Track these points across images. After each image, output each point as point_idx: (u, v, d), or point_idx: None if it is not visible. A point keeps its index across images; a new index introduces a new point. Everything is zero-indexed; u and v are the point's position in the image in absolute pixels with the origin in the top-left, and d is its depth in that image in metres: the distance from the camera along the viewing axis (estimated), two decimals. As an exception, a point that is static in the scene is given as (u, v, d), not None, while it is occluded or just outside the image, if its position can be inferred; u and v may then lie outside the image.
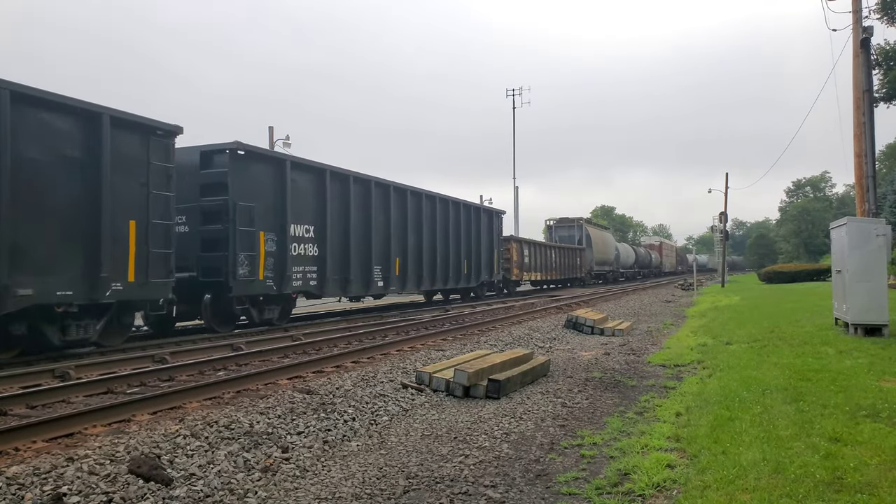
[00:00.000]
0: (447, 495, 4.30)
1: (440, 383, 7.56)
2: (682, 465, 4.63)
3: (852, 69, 16.19)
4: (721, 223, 42.65)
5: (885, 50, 28.99)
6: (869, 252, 10.60)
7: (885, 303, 10.49)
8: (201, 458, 4.75)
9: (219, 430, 5.35)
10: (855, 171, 16.45)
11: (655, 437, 5.38)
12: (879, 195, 23.75)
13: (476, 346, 11.15)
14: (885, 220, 11.88)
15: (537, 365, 8.66)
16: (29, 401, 6.48)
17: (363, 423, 6.15)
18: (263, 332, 13.14)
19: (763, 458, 4.51)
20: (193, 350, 10.06)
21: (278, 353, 9.97)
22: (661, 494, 4.12)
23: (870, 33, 15.31)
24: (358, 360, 9.44)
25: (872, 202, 15.18)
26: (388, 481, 4.60)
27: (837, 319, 11.94)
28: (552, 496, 4.26)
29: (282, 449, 5.21)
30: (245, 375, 7.57)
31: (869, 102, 15.36)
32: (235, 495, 4.28)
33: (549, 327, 14.56)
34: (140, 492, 4.09)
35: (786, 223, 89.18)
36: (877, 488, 3.90)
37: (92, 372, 8.24)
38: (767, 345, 10.41)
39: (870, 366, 7.90)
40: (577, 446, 5.40)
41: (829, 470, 4.22)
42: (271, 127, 31.38)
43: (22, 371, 7.91)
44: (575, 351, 11.38)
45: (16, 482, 4.05)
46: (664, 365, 9.46)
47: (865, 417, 5.54)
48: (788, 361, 8.55)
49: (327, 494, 4.35)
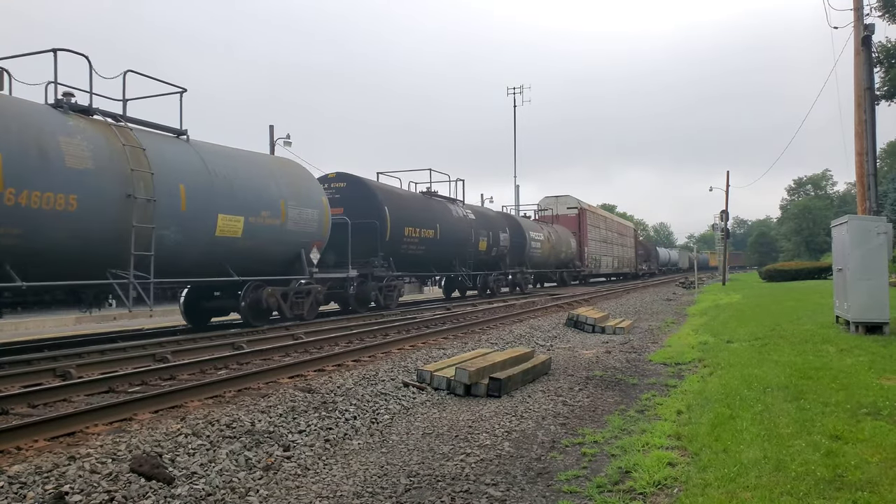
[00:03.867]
0: (448, 494, 4.30)
1: (441, 382, 7.57)
2: (683, 463, 4.63)
3: (853, 67, 16.19)
4: (722, 221, 42.61)
5: (886, 48, 29.01)
6: (870, 250, 10.59)
7: (886, 301, 10.49)
8: (203, 457, 4.76)
9: (220, 429, 5.36)
10: (856, 169, 16.46)
11: (656, 435, 5.38)
12: (880, 193, 23.72)
13: (477, 344, 11.16)
14: (886, 219, 11.87)
15: (538, 363, 8.66)
16: (30, 400, 6.48)
17: (364, 422, 6.16)
18: (264, 330, 13.16)
19: (764, 456, 4.51)
20: (195, 349, 10.06)
21: (279, 351, 9.98)
22: (662, 492, 4.12)
23: (871, 31, 15.31)
24: (359, 359, 9.44)
25: (873, 200, 15.18)
26: (389, 480, 4.61)
27: (838, 317, 11.93)
28: (553, 494, 4.27)
29: (283, 447, 5.21)
30: (246, 374, 7.58)
31: (870, 100, 15.37)
32: (237, 494, 4.29)
33: (550, 326, 14.56)
34: (142, 490, 4.10)
35: (787, 221, 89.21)
36: (878, 486, 3.90)
37: (93, 371, 8.25)
38: (768, 343, 10.41)
39: (871, 364, 7.90)
40: (578, 444, 5.40)
41: (830, 468, 4.22)
42: (272, 126, 31.35)
43: (23, 370, 7.92)
44: (576, 349, 11.39)
45: (18, 481, 4.06)
46: (665, 363, 9.46)
47: (866, 415, 5.54)
48: (789, 359, 8.55)
49: (329, 493, 4.36)
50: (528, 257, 29.52)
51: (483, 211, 26.85)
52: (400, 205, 19.49)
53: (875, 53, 23.25)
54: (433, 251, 21.04)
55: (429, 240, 20.66)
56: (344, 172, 19.02)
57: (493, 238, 25.56)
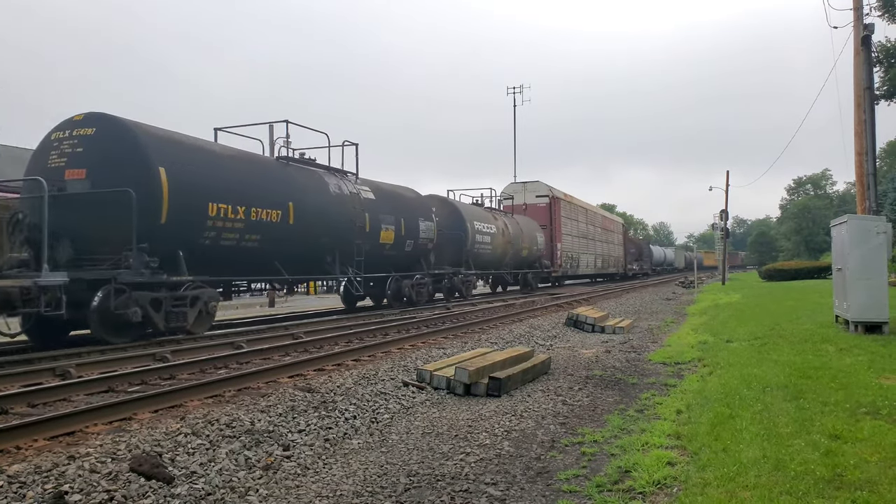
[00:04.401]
0: (448, 493, 4.31)
1: (441, 381, 7.57)
2: (682, 462, 4.63)
3: (853, 67, 16.18)
4: (722, 220, 42.60)
5: (885, 47, 29.00)
6: (869, 250, 10.60)
7: (885, 300, 10.50)
8: (202, 457, 4.76)
9: (220, 429, 5.36)
10: (856, 168, 16.45)
11: (656, 434, 5.39)
12: (880, 193, 23.75)
13: (477, 343, 11.16)
14: (885, 218, 11.88)
15: (538, 363, 8.67)
16: (30, 399, 6.48)
17: (364, 422, 6.16)
18: (264, 329, 13.15)
19: (763, 455, 4.52)
20: (195, 348, 10.06)
21: (279, 351, 9.98)
22: (661, 492, 4.12)
23: (871, 31, 15.29)
24: (359, 359, 9.45)
25: (873, 200, 15.17)
26: (389, 479, 4.61)
27: (838, 317, 11.94)
28: (553, 494, 4.27)
29: (283, 447, 5.21)
30: (246, 374, 7.58)
31: (870, 100, 15.36)
32: (237, 493, 4.29)
33: (550, 325, 14.56)
34: (141, 490, 4.10)
35: (786, 221, 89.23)
36: (877, 485, 3.91)
37: (93, 370, 8.25)
38: (768, 342, 10.41)
39: (870, 363, 7.91)
40: (577, 444, 5.41)
41: (830, 467, 4.22)
42: (272, 125, 31.23)
43: (23, 369, 7.91)
44: (575, 349, 11.39)
45: (17, 480, 4.06)
46: (665, 363, 9.47)
47: (866, 415, 5.54)
48: (789, 359, 8.55)
49: (328, 492, 4.36)
50: (472, 254, 23.08)
51: (391, 190, 19.19)
52: (198, 166, 11.92)
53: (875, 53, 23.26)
54: (280, 243, 13.73)
55: (270, 225, 13.28)
56: (97, 113, 11.25)
57: (408, 227, 18.82)
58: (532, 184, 33.42)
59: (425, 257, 20.30)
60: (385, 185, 19.29)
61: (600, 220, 42.96)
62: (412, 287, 19.32)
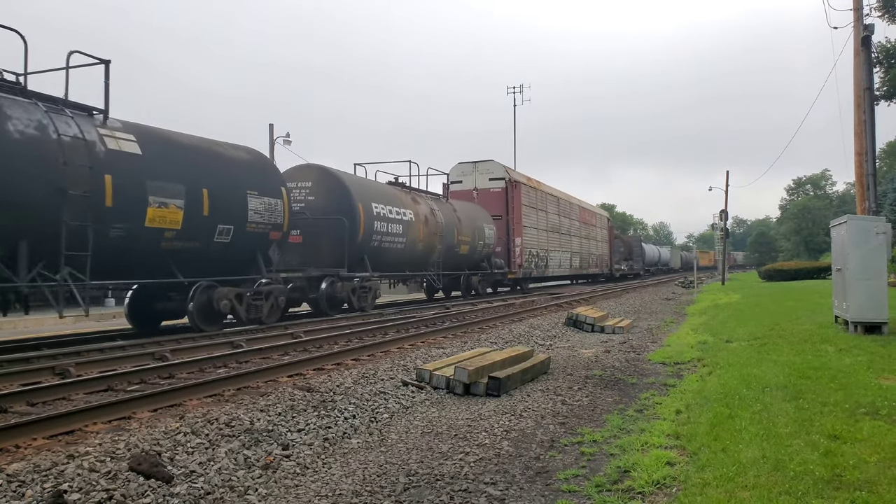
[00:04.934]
0: (447, 492, 4.30)
1: (441, 381, 7.57)
2: (681, 462, 4.63)
3: (853, 67, 16.19)
4: (721, 221, 42.60)
5: (885, 48, 29.00)
6: (869, 250, 10.60)
7: (884, 301, 10.50)
8: (202, 456, 4.76)
9: (219, 428, 5.36)
10: (855, 169, 16.47)
11: (655, 434, 5.39)
12: (880, 193, 23.74)
13: (476, 343, 11.16)
14: (885, 219, 11.89)
15: (537, 363, 8.67)
16: (29, 398, 6.48)
17: (363, 421, 6.16)
18: (264, 329, 13.15)
19: (763, 455, 4.52)
20: (194, 347, 10.06)
21: (279, 350, 9.98)
22: (660, 492, 4.12)
23: (871, 31, 15.30)
24: (358, 358, 9.44)
25: (873, 200, 15.18)
26: (388, 478, 4.61)
27: (837, 317, 11.94)
28: (552, 493, 4.27)
29: (282, 446, 5.21)
30: (245, 373, 7.58)
31: (869, 100, 15.37)
32: (236, 492, 4.29)
33: (550, 325, 14.56)
34: (140, 489, 4.10)
35: (786, 221, 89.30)
36: (876, 486, 3.91)
37: (92, 369, 8.24)
38: (767, 343, 10.41)
39: (869, 363, 7.91)
40: (577, 444, 5.41)
41: (829, 467, 4.22)
42: (271, 124, 31.31)
43: (22, 368, 7.91)
44: (575, 348, 11.39)
45: (16, 479, 4.05)
46: (664, 363, 9.47)
47: (865, 415, 5.54)
48: (788, 359, 8.55)
49: (328, 492, 4.36)
50: (367, 249, 17.26)
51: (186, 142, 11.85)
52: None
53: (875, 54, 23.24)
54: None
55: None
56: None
57: (217, 204, 11.76)
58: (484, 163, 26.62)
59: (264, 252, 13.53)
60: (176, 133, 11.81)
61: (578, 213, 35.81)
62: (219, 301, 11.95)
